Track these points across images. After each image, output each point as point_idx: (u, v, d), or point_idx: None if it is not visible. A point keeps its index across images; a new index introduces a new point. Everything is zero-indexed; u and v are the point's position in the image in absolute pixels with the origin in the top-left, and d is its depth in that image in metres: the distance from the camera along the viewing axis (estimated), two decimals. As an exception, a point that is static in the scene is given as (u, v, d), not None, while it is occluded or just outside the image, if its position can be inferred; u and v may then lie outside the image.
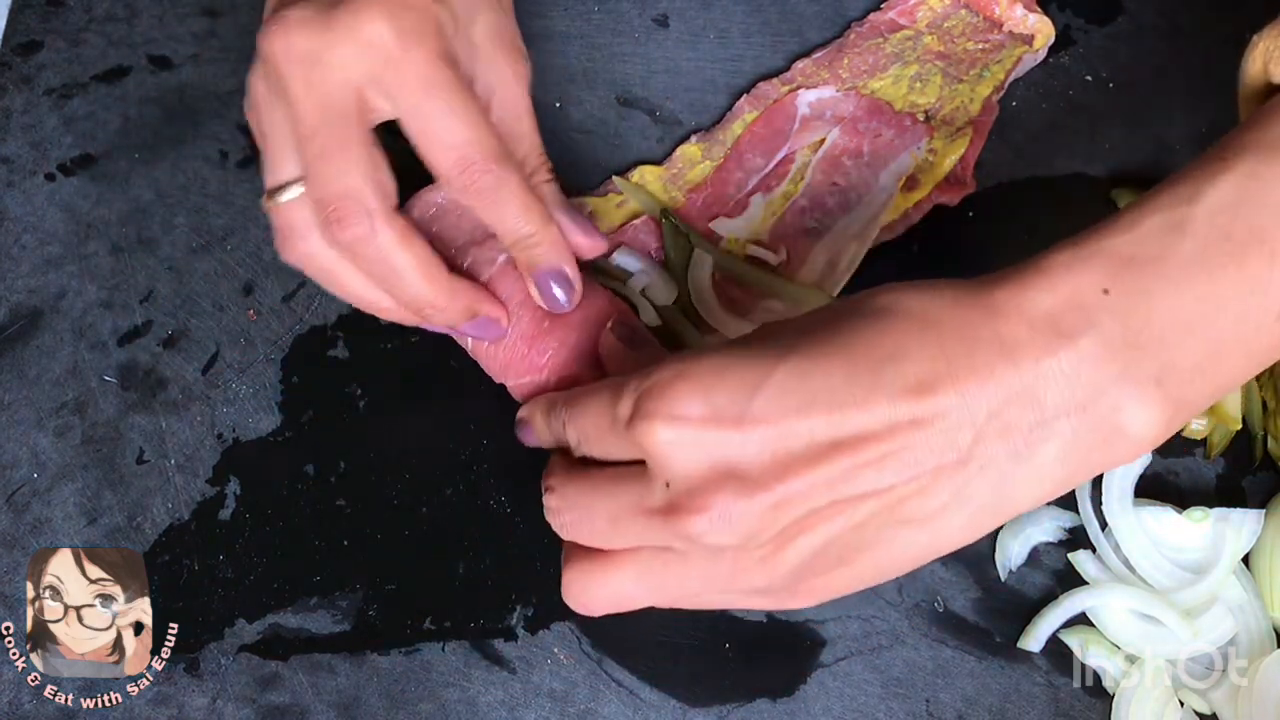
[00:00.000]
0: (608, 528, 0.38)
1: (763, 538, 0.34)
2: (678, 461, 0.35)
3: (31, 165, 0.57)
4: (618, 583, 0.38)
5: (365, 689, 0.48)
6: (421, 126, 0.42)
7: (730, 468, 0.34)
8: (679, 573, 0.37)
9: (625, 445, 0.37)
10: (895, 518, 0.34)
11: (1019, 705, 0.48)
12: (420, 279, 0.43)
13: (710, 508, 0.34)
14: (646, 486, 0.36)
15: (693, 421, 0.34)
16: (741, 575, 0.36)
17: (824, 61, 0.58)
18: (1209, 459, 0.52)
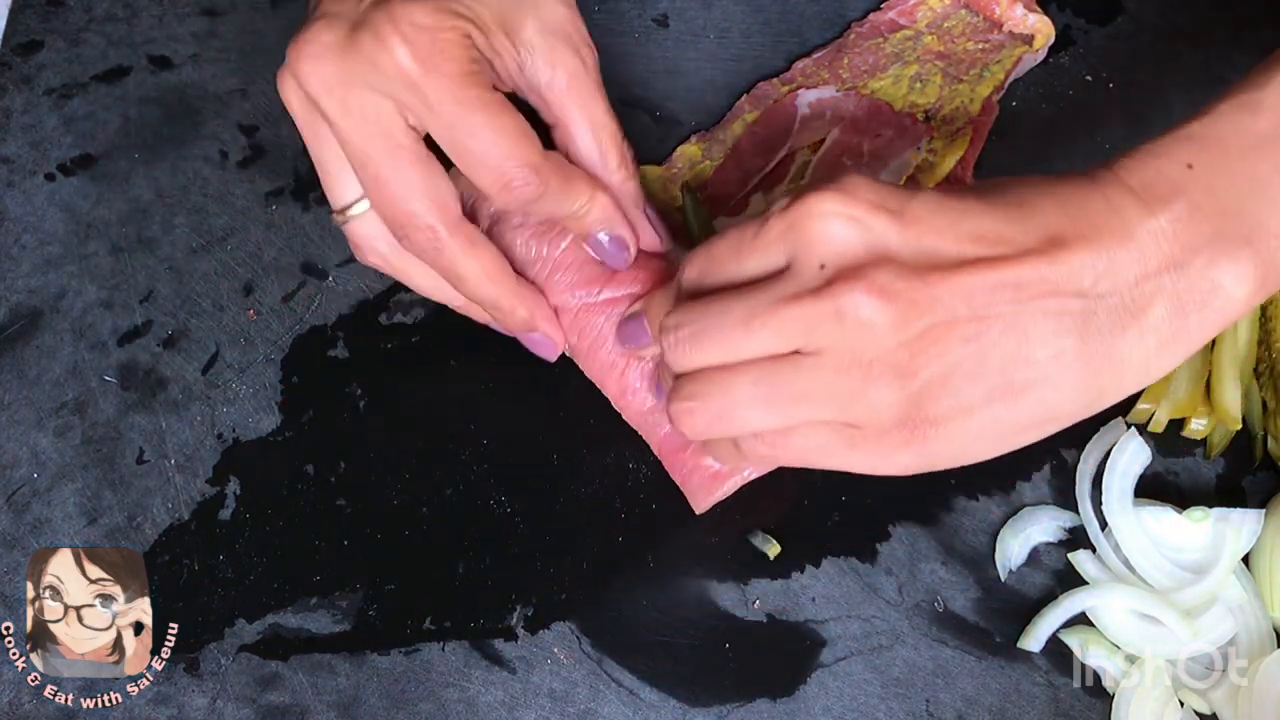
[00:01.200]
0: (739, 330, 0.37)
1: (908, 330, 0.35)
2: (839, 240, 0.36)
3: (31, 165, 0.57)
4: (734, 390, 0.38)
5: (365, 689, 0.48)
6: (454, 148, 0.42)
7: (889, 254, 0.36)
8: (804, 377, 0.37)
9: (773, 244, 0.38)
10: (1020, 355, 0.36)
11: (1019, 705, 0.48)
12: (486, 283, 0.45)
13: (870, 281, 0.35)
14: (793, 277, 0.37)
15: (860, 202, 0.36)
16: (872, 384, 0.36)
17: (824, 61, 0.58)
18: (1209, 459, 0.52)
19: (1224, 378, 0.51)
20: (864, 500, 0.51)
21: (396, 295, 0.55)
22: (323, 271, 0.55)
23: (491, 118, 0.41)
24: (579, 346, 0.49)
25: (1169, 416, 0.51)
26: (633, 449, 0.52)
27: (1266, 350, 0.52)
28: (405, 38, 0.40)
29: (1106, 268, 0.36)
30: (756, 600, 0.49)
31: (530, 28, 0.43)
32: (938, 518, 0.51)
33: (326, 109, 0.42)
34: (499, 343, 0.53)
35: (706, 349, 0.39)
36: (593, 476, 0.51)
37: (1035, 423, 0.37)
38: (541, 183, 0.42)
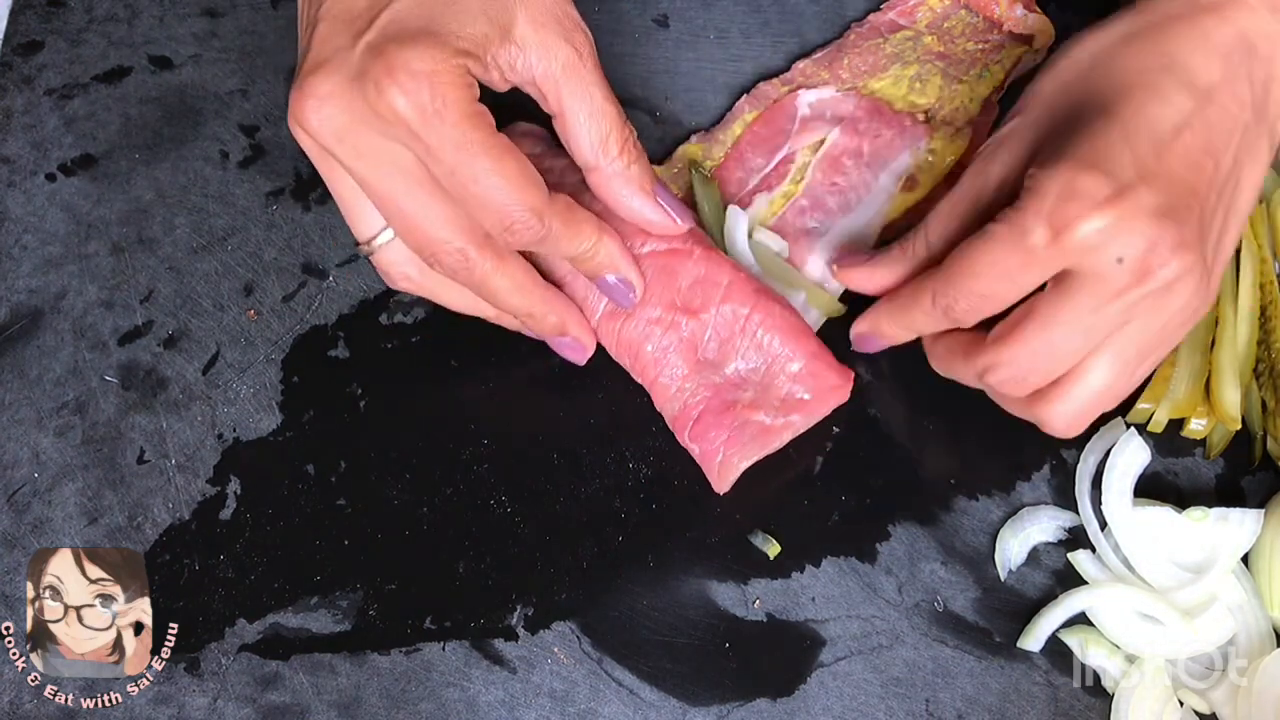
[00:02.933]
0: (1080, 338, 0.43)
1: (1206, 241, 0.42)
2: (1121, 236, 0.40)
3: (32, 165, 0.57)
4: (1095, 374, 0.44)
5: (365, 689, 0.48)
6: (457, 191, 0.42)
7: (1155, 211, 0.41)
8: (1133, 331, 0.43)
9: (1051, 265, 0.42)
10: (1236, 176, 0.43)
11: (1019, 705, 0.48)
12: (517, 295, 0.46)
13: (1170, 250, 0.41)
14: (1096, 282, 0.41)
15: (1109, 201, 0.40)
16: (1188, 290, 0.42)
17: (824, 61, 0.58)
18: (1209, 459, 0.52)
19: (1224, 378, 0.51)
20: (864, 500, 0.51)
21: (396, 295, 0.55)
22: (323, 271, 0.55)
23: (494, 162, 0.41)
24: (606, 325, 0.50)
25: (1169, 416, 0.51)
26: (633, 449, 0.52)
27: (1266, 350, 0.52)
28: (403, 88, 0.40)
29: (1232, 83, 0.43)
30: (756, 600, 0.49)
31: (521, 22, 0.43)
32: (938, 518, 0.51)
33: (338, 154, 0.42)
34: (499, 343, 0.53)
35: (1057, 363, 0.43)
36: (593, 476, 0.51)
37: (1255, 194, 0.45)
38: (544, 226, 0.43)
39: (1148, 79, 0.43)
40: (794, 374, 0.49)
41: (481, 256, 0.44)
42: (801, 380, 0.49)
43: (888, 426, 0.52)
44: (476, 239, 0.44)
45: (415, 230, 0.43)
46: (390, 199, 0.43)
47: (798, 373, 0.49)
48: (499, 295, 0.46)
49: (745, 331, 0.49)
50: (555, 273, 0.50)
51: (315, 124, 0.41)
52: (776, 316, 0.49)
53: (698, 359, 0.49)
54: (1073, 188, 0.41)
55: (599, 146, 0.45)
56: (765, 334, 0.49)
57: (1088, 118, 0.43)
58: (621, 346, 0.50)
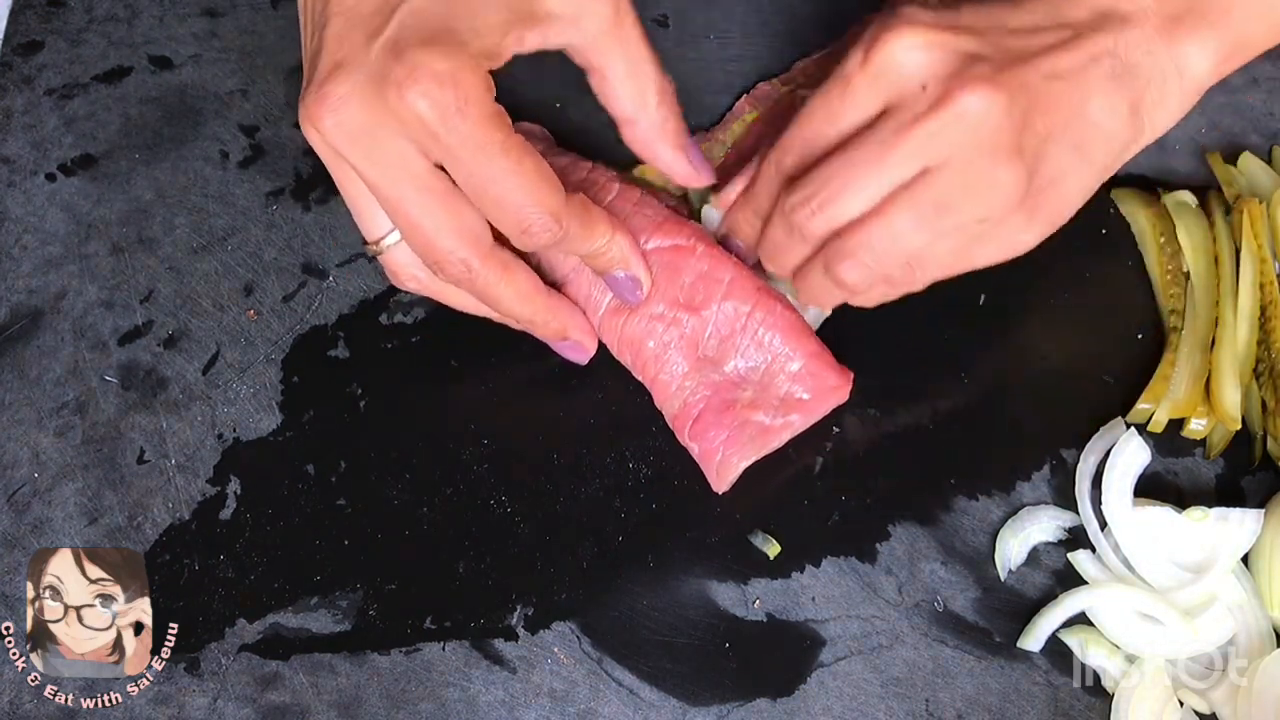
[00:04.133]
0: (874, 168, 0.41)
1: (1019, 105, 0.40)
2: (930, 61, 0.40)
3: (32, 165, 0.57)
4: (893, 225, 0.42)
5: (365, 689, 0.48)
6: (475, 192, 0.42)
7: (974, 55, 0.41)
8: (944, 187, 0.41)
9: (866, 93, 0.41)
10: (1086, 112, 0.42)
11: (1019, 705, 0.48)
12: (520, 303, 0.47)
13: (976, 77, 0.40)
14: (900, 110, 0.41)
15: (929, 26, 0.41)
16: (998, 170, 0.41)
17: (824, 62, 0.58)
18: (1209, 459, 0.52)
19: (1224, 378, 0.51)
20: (864, 500, 0.51)
21: (396, 295, 0.55)
22: (323, 271, 0.55)
23: (513, 163, 0.41)
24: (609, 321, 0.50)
25: (1169, 416, 0.51)
26: (633, 449, 0.52)
27: (1266, 350, 0.52)
28: (425, 91, 0.39)
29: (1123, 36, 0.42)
30: (756, 600, 0.49)
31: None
32: (938, 518, 0.51)
33: (350, 158, 0.42)
34: (499, 343, 0.53)
35: (848, 201, 0.42)
36: (593, 476, 0.51)
37: (1107, 162, 0.43)
38: (561, 228, 0.43)
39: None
40: (794, 373, 0.49)
41: (485, 267, 0.44)
42: (801, 380, 0.49)
43: (888, 426, 0.52)
44: (481, 250, 0.44)
45: (421, 238, 0.43)
46: (399, 205, 0.42)
47: (797, 372, 0.49)
48: (502, 303, 0.46)
49: (746, 329, 0.49)
50: (557, 272, 0.51)
51: (330, 126, 0.41)
52: (778, 315, 0.49)
53: (698, 356, 0.50)
54: (894, 16, 0.41)
55: (639, 99, 0.45)
56: (766, 332, 0.49)
57: None
58: (624, 343, 0.50)
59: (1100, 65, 0.42)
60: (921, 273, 0.44)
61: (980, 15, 0.42)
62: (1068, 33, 0.42)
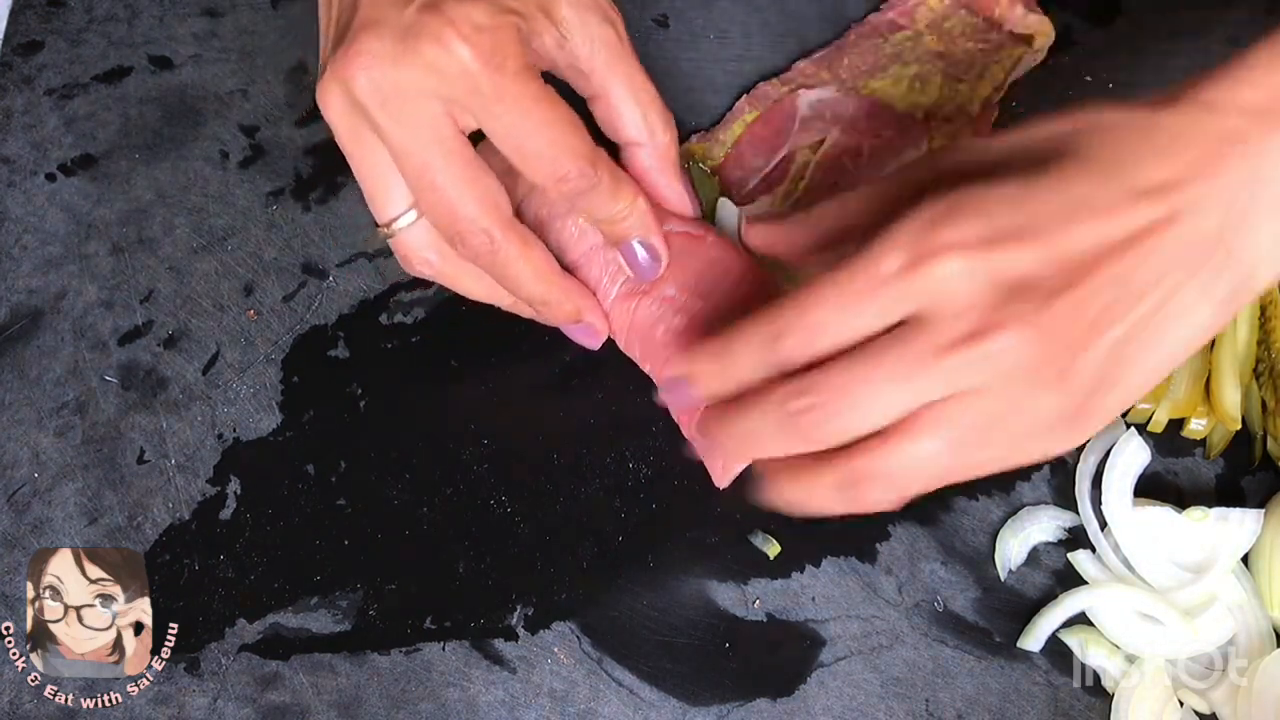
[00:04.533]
0: (892, 392, 0.36)
1: (1061, 344, 0.36)
2: (971, 290, 0.36)
3: (32, 165, 0.57)
4: (921, 443, 0.37)
5: (365, 689, 0.48)
6: (512, 143, 0.42)
7: (1021, 284, 0.36)
8: (978, 411, 0.36)
9: (893, 304, 0.36)
10: (1165, 312, 0.36)
11: (1019, 705, 0.48)
12: (537, 282, 0.45)
13: (1013, 322, 0.35)
14: (929, 332, 0.36)
15: (978, 246, 0.35)
16: (1039, 398, 0.36)
17: (824, 61, 0.58)
18: (1209, 459, 0.52)
19: (1224, 378, 0.51)
20: (864, 500, 0.51)
21: (396, 295, 0.55)
22: (323, 271, 0.55)
23: (550, 112, 0.41)
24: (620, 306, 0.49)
25: (1169, 416, 0.51)
26: (633, 449, 0.52)
27: (1266, 350, 0.52)
28: (466, 38, 0.40)
29: (1232, 201, 0.36)
30: (756, 600, 0.49)
31: (564, 4, 0.43)
32: (938, 518, 0.51)
33: (378, 118, 0.41)
34: (499, 343, 0.53)
35: (856, 421, 0.37)
36: (593, 476, 0.51)
37: (1183, 355, 0.38)
38: (596, 175, 0.43)
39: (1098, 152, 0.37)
40: None
41: (507, 240, 0.43)
42: None
43: (888, 426, 0.52)
44: (503, 220, 0.43)
45: (445, 205, 0.42)
46: (424, 170, 0.42)
47: None
48: (519, 281, 0.45)
49: None
50: (568, 255, 0.50)
51: (363, 83, 0.40)
52: None
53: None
54: (946, 219, 0.36)
55: (645, 124, 0.46)
56: None
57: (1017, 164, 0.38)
58: (634, 330, 0.50)
59: (1192, 254, 0.36)
60: (968, 473, 0.39)
61: (1051, 204, 0.36)
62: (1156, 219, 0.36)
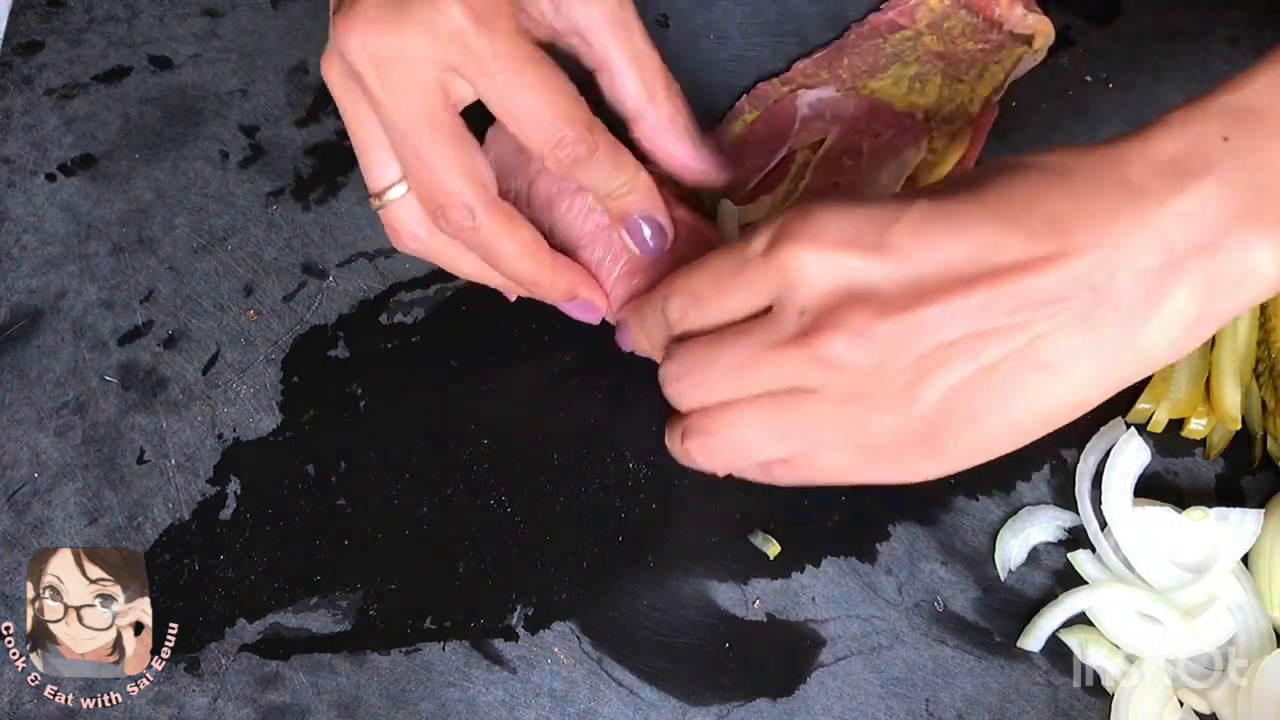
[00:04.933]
0: (732, 375, 0.39)
1: (898, 363, 0.35)
2: (815, 285, 0.36)
3: (32, 165, 0.57)
4: (743, 428, 0.39)
5: (365, 689, 0.48)
6: (508, 107, 0.41)
7: (866, 291, 0.36)
8: (807, 412, 0.38)
9: (755, 285, 0.38)
10: (1028, 360, 0.35)
11: (1019, 705, 0.48)
12: (524, 260, 0.45)
13: (848, 326, 0.35)
14: (776, 323, 0.37)
15: (833, 244, 0.36)
16: (874, 414, 0.37)
17: (824, 62, 0.58)
18: (1209, 459, 0.52)
19: (1224, 378, 0.51)
20: (864, 500, 0.51)
21: (396, 295, 0.55)
22: (323, 271, 0.55)
23: (544, 75, 0.41)
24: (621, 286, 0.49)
25: (1169, 416, 0.51)
26: (633, 449, 0.52)
27: (1266, 350, 0.52)
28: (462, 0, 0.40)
29: (1123, 260, 0.34)
30: (756, 600, 0.49)
31: None
32: (938, 518, 0.51)
33: (369, 83, 0.41)
34: (499, 343, 0.53)
35: (707, 392, 0.40)
36: (593, 476, 0.51)
37: (1055, 415, 0.36)
38: (594, 143, 0.42)
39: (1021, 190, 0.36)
40: None
41: (489, 216, 0.43)
42: None
43: (888, 426, 0.52)
44: (486, 198, 0.43)
45: (429, 177, 0.42)
46: (409, 137, 0.42)
47: None
48: (505, 260, 0.45)
49: None
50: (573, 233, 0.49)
51: (357, 48, 0.40)
52: None
53: None
54: (814, 215, 0.37)
55: (645, 93, 0.45)
56: None
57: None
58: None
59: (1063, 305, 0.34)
60: (808, 474, 0.40)
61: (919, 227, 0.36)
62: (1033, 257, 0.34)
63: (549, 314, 0.53)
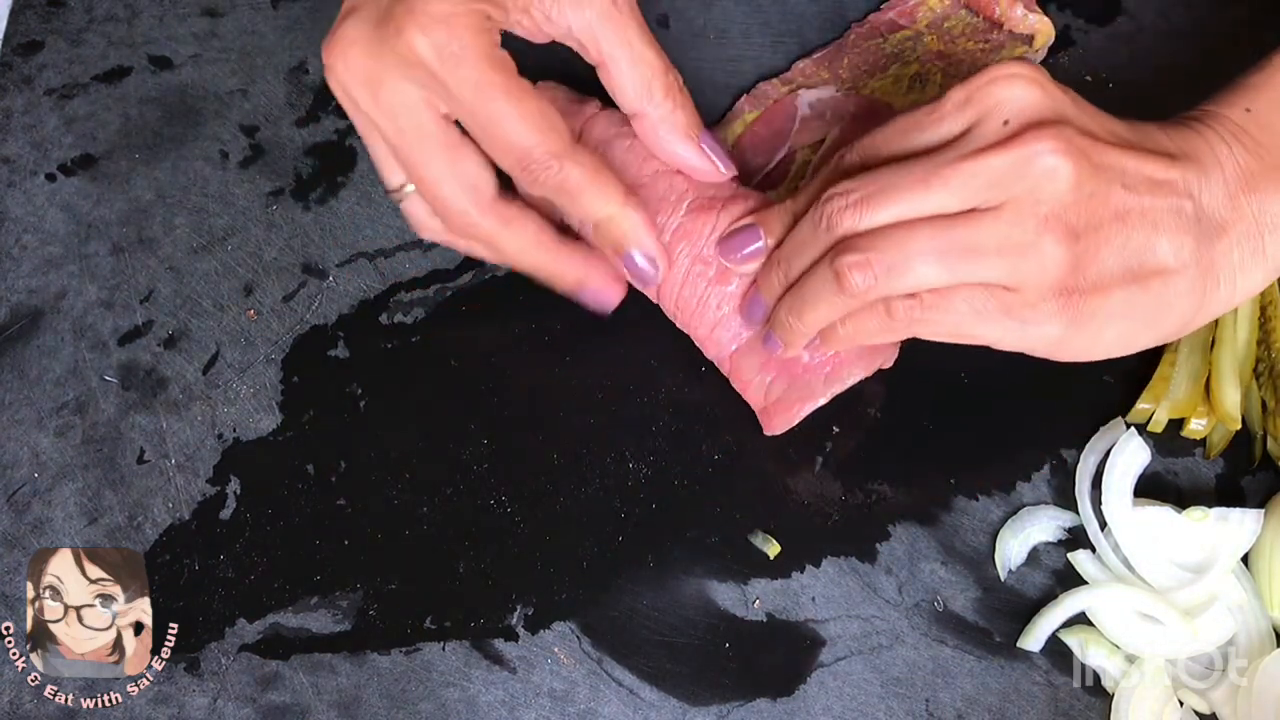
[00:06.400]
0: (919, 186, 0.40)
1: (1085, 189, 0.39)
2: (1028, 100, 0.40)
3: (32, 165, 0.57)
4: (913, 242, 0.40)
5: (365, 688, 0.48)
6: (478, 129, 0.43)
7: (1074, 118, 0.40)
8: (981, 230, 0.39)
9: (955, 115, 0.40)
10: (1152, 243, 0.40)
11: (1019, 705, 0.48)
12: (529, 254, 0.46)
13: (1057, 134, 0.39)
14: (973, 137, 0.40)
15: (1044, 82, 0.40)
16: (1044, 240, 0.39)
17: (824, 61, 0.58)
18: (1209, 459, 0.52)
19: (1224, 378, 0.51)
20: (864, 500, 0.51)
21: (396, 295, 0.55)
22: (323, 271, 0.55)
23: (513, 103, 0.42)
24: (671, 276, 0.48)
25: (1169, 416, 0.51)
26: (633, 449, 0.52)
27: (1266, 350, 0.52)
28: (423, 29, 0.41)
29: (1207, 183, 0.41)
30: (756, 600, 0.49)
31: None
32: (938, 518, 0.51)
33: (360, 102, 0.43)
34: (499, 343, 0.53)
35: (880, 209, 0.40)
36: (593, 476, 0.51)
37: (1154, 318, 0.41)
38: (561, 169, 0.43)
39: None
40: None
41: (485, 219, 0.45)
42: None
43: (888, 426, 0.52)
44: (481, 202, 0.44)
45: (425, 187, 0.44)
46: (404, 150, 0.44)
47: None
48: (510, 255, 0.46)
49: None
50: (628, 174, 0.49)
51: (341, 69, 0.42)
52: None
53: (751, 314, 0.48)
54: (1008, 68, 0.40)
55: (643, 92, 0.46)
56: None
57: None
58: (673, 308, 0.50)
59: (1180, 203, 0.40)
60: (926, 318, 0.41)
61: (1089, 108, 0.42)
62: (1163, 158, 0.41)
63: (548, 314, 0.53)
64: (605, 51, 0.45)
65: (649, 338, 0.53)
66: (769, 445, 0.51)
